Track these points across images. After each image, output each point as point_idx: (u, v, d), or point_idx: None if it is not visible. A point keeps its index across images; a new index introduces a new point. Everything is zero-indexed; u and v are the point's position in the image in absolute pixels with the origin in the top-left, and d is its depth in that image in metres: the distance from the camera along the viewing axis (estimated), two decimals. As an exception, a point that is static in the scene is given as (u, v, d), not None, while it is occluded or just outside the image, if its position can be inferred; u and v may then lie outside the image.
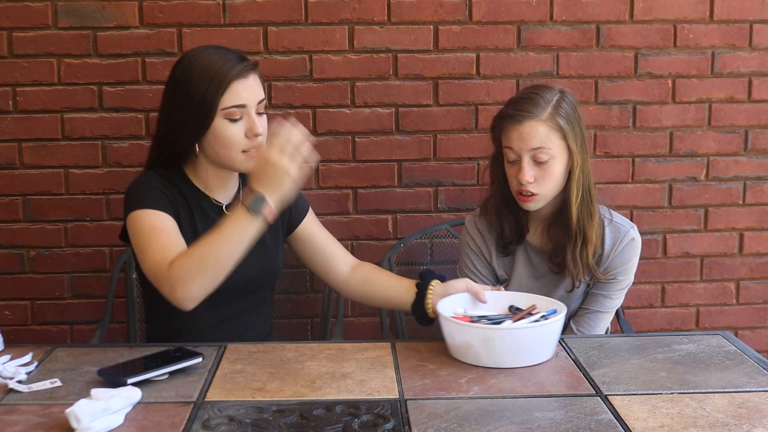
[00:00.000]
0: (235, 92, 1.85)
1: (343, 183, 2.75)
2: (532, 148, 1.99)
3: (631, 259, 2.10)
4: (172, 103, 1.90)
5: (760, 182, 2.85)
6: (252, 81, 1.88)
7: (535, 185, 2.00)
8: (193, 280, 1.72)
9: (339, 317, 2.44)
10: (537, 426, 1.43)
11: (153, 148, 1.98)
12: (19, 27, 2.61)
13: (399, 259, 2.57)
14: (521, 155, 2.00)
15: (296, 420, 1.46)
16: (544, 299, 1.87)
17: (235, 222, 1.72)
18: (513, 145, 2.01)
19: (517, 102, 2.04)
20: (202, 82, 1.84)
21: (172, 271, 1.73)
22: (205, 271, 1.72)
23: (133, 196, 1.89)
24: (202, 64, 1.86)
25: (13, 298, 2.75)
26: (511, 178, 2.05)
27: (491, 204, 2.15)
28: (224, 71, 1.84)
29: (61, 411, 1.45)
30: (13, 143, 2.67)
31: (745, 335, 2.91)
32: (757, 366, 1.71)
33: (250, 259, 1.79)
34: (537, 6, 2.69)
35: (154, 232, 1.82)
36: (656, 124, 2.79)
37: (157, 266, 1.76)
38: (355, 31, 2.67)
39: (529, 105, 2.00)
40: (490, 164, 2.17)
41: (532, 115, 1.99)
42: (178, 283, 1.72)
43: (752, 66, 2.78)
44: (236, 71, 1.85)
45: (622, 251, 2.08)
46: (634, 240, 2.10)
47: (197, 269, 1.72)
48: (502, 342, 1.68)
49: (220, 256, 1.72)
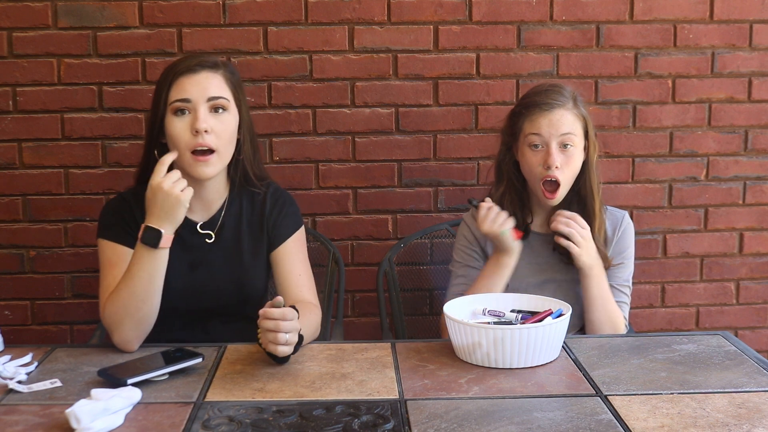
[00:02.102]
0: (180, 86, 1.84)
1: (343, 183, 2.75)
2: (561, 133, 2.06)
3: (630, 244, 2.20)
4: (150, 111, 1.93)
5: (760, 182, 2.85)
6: (202, 77, 1.85)
7: (559, 171, 2.06)
8: (122, 323, 1.78)
9: (339, 317, 2.44)
10: (537, 426, 1.43)
11: (141, 160, 1.98)
12: (19, 27, 2.61)
13: (399, 259, 2.57)
14: (549, 141, 2.06)
15: (296, 420, 1.46)
16: (551, 300, 1.88)
17: (138, 259, 1.78)
18: (542, 131, 2.06)
19: (541, 94, 2.11)
20: (160, 80, 1.88)
21: (105, 319, 1.80)
22: (129, 312, 1.78)
23: (100, 222, 1.95)
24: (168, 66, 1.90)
25: (13, 298, 2.75)
26: (535, 166, 2.08)
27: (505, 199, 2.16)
28: (175, 68, 1.86)
29: (61, 411, 1.45)
30: (13, 143, 2.67)
31: (745, 335, 2.91)
32: (757, 366, 1.71)
33: (225, 284, 1.87)
34: (537, 6, 2.69)
35: (107, 268, 1.88)
36: (656, 124, 2.79)
37: (102, 306, 1.83)
38: (355, 31, 2.67)
39: (557, 95, 2.09)
40: (498, 160, 2.20)
41: (560, 104, 2.08)
42: (112, 329, 1.80)
43: (752, 66, 2.78)
44: (185, 66, 1.85)
45: (622, 236, 2.18)
46: (630, 224, 2.21)
47: (124, 313, 1.78)
48: (512, 342, 1.68)
49: (140, 294, 1.78)
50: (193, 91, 1.83)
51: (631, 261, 2.21)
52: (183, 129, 1.83)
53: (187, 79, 1.84)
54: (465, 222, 2.24)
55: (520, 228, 2.13)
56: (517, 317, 1.83)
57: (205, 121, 1.82)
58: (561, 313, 1.79)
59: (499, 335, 1.68)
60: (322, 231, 2.71)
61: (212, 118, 1.85)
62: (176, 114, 1.83)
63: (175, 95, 1.83)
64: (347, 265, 2.73)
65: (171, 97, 1.83)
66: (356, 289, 2.79)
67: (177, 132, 1.83)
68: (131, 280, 1.77)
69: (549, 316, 1.78)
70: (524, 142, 2.10)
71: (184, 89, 1.83)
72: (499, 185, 2.19)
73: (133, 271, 1.78)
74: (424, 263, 2.65)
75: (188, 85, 1.84)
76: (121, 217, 1.91)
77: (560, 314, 1.78)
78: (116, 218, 1.92)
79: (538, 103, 2.09)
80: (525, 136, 2.10)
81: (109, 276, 1.86)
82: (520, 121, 2.12)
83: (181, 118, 1.83)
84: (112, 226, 1.90)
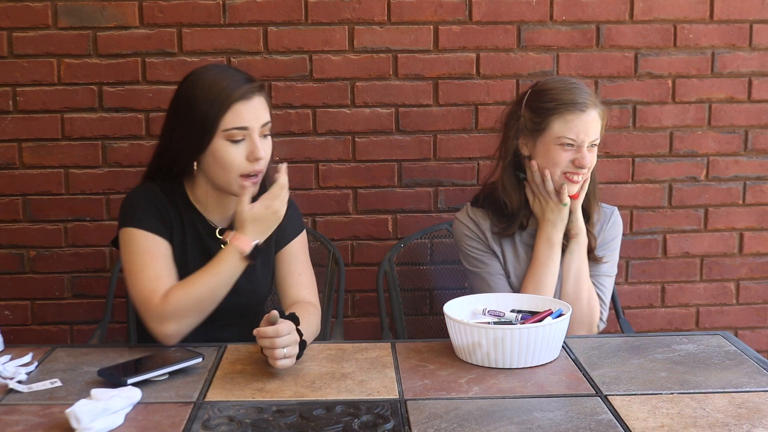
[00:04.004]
0: (237, 113, 1.80)
1: (343, 183, 2.75)
2: (594, 135, 2.06)
3: (617, 235, 2.22)
4: (175, 118, 1.87)
5: (760, 182, 2.85)
6: (257, 103, 1.83)
7: (586, 170, 2.09)
8: (186, 318, 1.78)
9: (339, 317, 2.44)
10: (537, 426, 1.43)
11: (153, 160, 1.95)
12: (19, 27, 2.61)
13: (399, 259, 2.57)
14: (583, 142, 2.05)
15: (296, 420, 1.46)
16: (551, 300, 1.88)
17: (231, 265, 1.79)
18: (578, 132, 2.04)
19: (572, 90, 2.08)
20: (204, 100, 1.80)
21: (166, 307, 1.76)
22: (199, 309, 1.79)
23: (129, 210, 1.88)
24: (206, 82, 1.82)
25: (13, 298, 2.75)
26: (563, 162, 2.07)
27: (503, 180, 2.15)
28: (228, 91, 1.80)
29: (61, 411, 1.45)
30: (13, 143, 2.67)
31: (745, 335, 2.91)
32: (757, 366, 1.71)
33: (239, 285, 1.84)
34: (537, 6, 2.69)
35: (147, 258, 1.83)
36: (656, 124, 2.79)
37: (148, 297, 1.78)
38: (355, 31, 2.67)
39: (586, 94, 2.08)
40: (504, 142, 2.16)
41: (592, 103, 2.07)
42: (171, 319, 1.77)
43: (752, 66, 2.78)
44: (240, 92, 1.80)
45: (610, 228, 2.21)
46: (618, 219, 2.24)
47: (194, 308, 1.78)
48: (512, 342, 1.68)
49: (216, 296, 1.80)
50: (250, 118, 1.82)
51: (615, 253, 2.22)
52: (238, 155, 1.82)
53: (244, 107, 1.81)
54: (461, 221, 2.20)
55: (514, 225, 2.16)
56: (517, 317, 1.83)
57: (263, 149, 1.84)
58: (561, 313, 1.79)
59: (499, 335, 1.68)
60: (322, 231, 2.71)
61: (262, 141, 1.85)
62: (232, 141, 1.81)
63: (232, 122, 1.80)
64: (347, 265, 2.73)
65: (227, 123, 1.80)
66: (356, 289, 2.79)
67: (231, 158, 1.82)
68: (215, 283, 1.79)
69: (549, 316, 1.78)
70: (552, 140, 2.06)
71: (242, 117, 1.81)
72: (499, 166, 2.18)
73: (221, 274, 1.79)
74: (424, 263, 2.65)
75: (245, 112, 1.81)
76: (155, 207, 1.88)
77: (560, 314, 1.78)
78: (150, 208, 1.87)
79: (573, 102, 2.05)
80: (556, 135, 2.05)
81: (151, 267, 1.81)
82: (549, 118, 2.06)
83: (237, 145, 1.82)
84: (146, 217, 1.86)
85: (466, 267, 2.21)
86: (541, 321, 1.75)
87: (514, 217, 2.15)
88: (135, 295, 1.81)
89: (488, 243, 2.17)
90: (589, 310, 2.12)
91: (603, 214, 2.22)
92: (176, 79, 2.63)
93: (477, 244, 2.17)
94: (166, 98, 2.62)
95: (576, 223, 2.12)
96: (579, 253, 2.13)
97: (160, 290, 1.77)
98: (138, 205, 1.88)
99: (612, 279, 2.22)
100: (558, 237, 2.11)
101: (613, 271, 2.22)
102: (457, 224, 2.22)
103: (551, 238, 2.11)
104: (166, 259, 1.84)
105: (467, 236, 2.18)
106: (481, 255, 2.17)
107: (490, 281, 2.15)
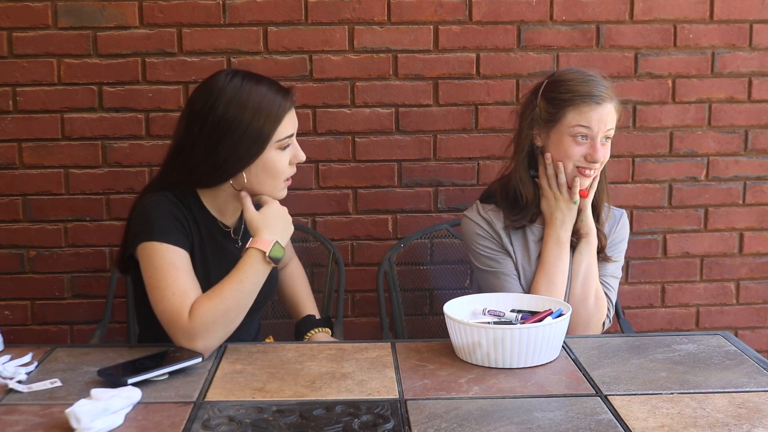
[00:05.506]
0: (288, 123, 1.88)
1: (343, 183, 2.75)
2: (608, 128, 2.06)
3: (624, 238, 2.23)
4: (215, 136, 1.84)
5: (760, 182, 2.85)
6: (293, 109, 1.92)
7: (599, 165, 2.09)
8: (216, 331, 1.74)
9: (339, 317, 2.44)
10: (537, 426, 1.43)
11: (166, 171, 1.93)
12: (19, 27, 2.61)
13: (399, 259, 2.57)
14: (596, 135, 2.05)
15: (296, 420, 1.46)
16: (551, 300, 1.88)
17: (254, 269, 1.79)
18: (592, 124, 2.04)
19: (589, 82, 2.07)
20: (258, 115, 1.84)
21: (195, 323, 1.72)
22: (227, 321, 1.76)
23: (149, 224, 1.83)
24: (252, 97, 1.85)
25: (13, 298, 2.75)
26: (576, 155, 2.06)
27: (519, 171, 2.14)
28: (278, 105, 1.86)
29: (61, 411, 1.45)
30: (13, 143, 2.67)
31: (745, 335, 2.91)
32: (757, 366, 1.71)
33: None
34: (537, 6, 2.69)
35: (172, 272, 1.78)
36: (656, 124, 2.79)
37: (177, 313, 1.73)
38: (355, 31, 2.67)
39: (603, 87, 2.07)
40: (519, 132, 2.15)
41: (609, 97, 2.06)
42: (201, 334, 1.72)
43: (752, 66, 2.78)
44: (288, 102, 1.88)
45: (618, 231, 2.21)
46: (626, 222, 2.25)
47: (221, 321, 1.75)
48: (512, 342, 1.68)
49: (242, 306, 1.78)
50: (294, 125, 1.91)
51: (622, 255, 2.23)
52: (286, 161, 1.90)
53: (290, 115, 1.89)
54: (472, 219, 2.18)
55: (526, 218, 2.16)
56: (517, 317, 1.83)
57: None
58: (561, 313, 1.79)
59: (499, 335, 1.68)
60: (322, 231, 2.71)
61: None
62: (282, 149, 1.88)
63: (284, 132, 1.87)
64: (347, 265, 2.73)
65: (281, 133, 1.86)
66: (356, 289, 2.79)
67: (283, 165, 1.89)
68: (243, 292, 1.77)
69: (549, 316, 1.78)
70: (566, 130, 2.06)
71: (292, 125, 1.89)
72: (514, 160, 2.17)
73: (244, 281, 1.77)
74: (424, 263, 2.65)
75: (293, 120, 1.90)
76: (174, 217, 1.85)
77: (560, 314, 1.78)
78: (170, 219, 1.84)
79: (591, 95, 2.04)
80: (570, 126, 2.05)
81: (177, 281, 1.77)
82: (564, 109, 2.06)
83: (285, 152, 1.89)
84: (168, 229, 1.83)
85: (476, 266, 2.19)
86: (541, 321, 1.75)
87: (527, 209, 2.15)
88: (162, 311, 1.76)
89: (502, 242, 2.16)
90: (596, 310, 2.12)
91: (612, 215, 2.22)
92: (176, 79, 2.65)
93: (490, 243, 2.16)
94: (166, 98, 2.67)
95: (586, 221, 2.12)
96: (588, 252, 2.13)
97: (187, 305, 1.73)
98: (159, 217, 1.84)
99: (617, 280, 2.22)
100: (567, 236, 2.11)
101: (619, 273, 2.23)
102: (467, 223, 2.20)
103: (560, 237, 2.11)
104: (189, 272, 1.81)
105: (480, 235, 2.17)
106: (495, 254, 2.16)
107: (505, 281, 2.13)
